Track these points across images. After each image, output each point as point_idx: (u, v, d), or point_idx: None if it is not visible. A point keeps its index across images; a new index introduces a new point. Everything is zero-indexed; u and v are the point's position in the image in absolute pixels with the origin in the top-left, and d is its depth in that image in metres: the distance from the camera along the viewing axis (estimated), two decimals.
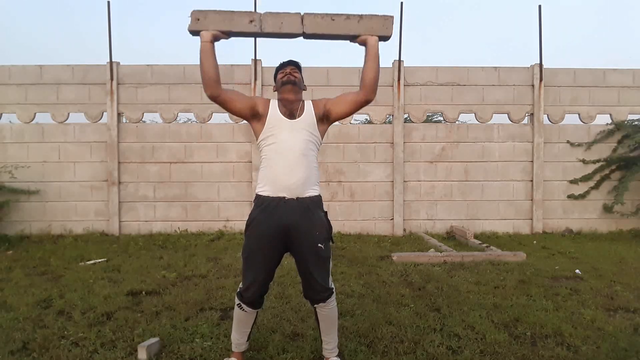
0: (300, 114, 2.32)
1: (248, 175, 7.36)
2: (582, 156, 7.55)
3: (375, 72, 2.28)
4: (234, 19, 2.18)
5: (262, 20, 2.18)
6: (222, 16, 2.18)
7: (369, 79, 2.29)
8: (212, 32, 2.20)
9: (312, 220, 2.27)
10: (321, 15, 2.19)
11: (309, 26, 2.19)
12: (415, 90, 7.49)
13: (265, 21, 2.18)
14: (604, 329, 3.02)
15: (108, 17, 7.28)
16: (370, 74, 2.28)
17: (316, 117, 2.34)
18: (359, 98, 2.33)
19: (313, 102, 2.39)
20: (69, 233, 7.20)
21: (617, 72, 7.53)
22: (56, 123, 7.30)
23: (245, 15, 2.19)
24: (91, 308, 3.44)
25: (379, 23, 2.22)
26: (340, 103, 2.36)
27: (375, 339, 2.83)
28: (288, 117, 2.30)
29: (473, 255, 5.24)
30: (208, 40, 2.20)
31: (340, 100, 2.37)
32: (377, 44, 2.26)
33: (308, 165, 2.28)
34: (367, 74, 2.29)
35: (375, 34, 2.23)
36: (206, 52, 2.21)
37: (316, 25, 2.19)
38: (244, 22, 2.18)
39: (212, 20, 2.18)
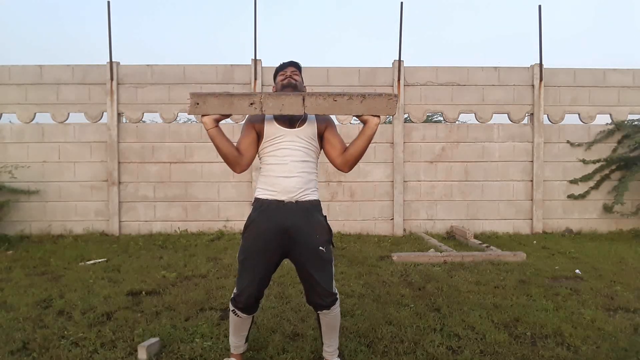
0: (301, 125, 2.29)
1: (248, 175, 7.36)
2: (582, 156, 7.55)
3: (361, 152, 2.25)
4: (233, 103, 2.15)
5: (262, 102, 2.14)
6: (222, 100, 2.15)
7: (352, 156, 2.26)
8: (214, 117, 2.17)
9: (312, 222, 2.25)
10: (323, 97, 2.16)
11: (310, 107, 2.15)
12: (415, 90, 7.49)
13: (265, 103, 2.14)
14: (604, 329, 3.02)
15: (108, 17, 7.28)
16: (356, 152, 2.25)
17: (317, 131, 2.32)
18: (335, 162, 2.31)
19: (317, 118, 2.34)
20: (69, 233, 7.20)
21: (617, 72, 7.53)
22: (56, 123, 7.30)
23: (245, 98, 2.15)
24: (91, 308, 3.44)
25: (383, 103, 2.17)
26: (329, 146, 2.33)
27: (375, 339, 2.83)
28: (287, 126, 2.27)
29: (473, 255, 5.24)
30: (212, 127, 2.18)
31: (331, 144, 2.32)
32: (377, 127, 2.21)
33: (307, 171, 2.26)
34: (353, 151, 2.25)
35: (378, 113, 2.19)
36: (216, 137, 2.18)
37: (318, 107, 2.15)
38: (244, 105, 2.15)
39: (212, 105, 2.14)
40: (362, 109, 2.18)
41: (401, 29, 7.32)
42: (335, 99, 2.17)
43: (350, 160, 2.28)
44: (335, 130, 2.38)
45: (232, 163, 2.24)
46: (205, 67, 7.43)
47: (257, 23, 7.39)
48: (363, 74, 7.42)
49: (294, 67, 2.40)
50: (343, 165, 2.31)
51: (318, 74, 7.29)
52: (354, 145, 2.25)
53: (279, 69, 2.42)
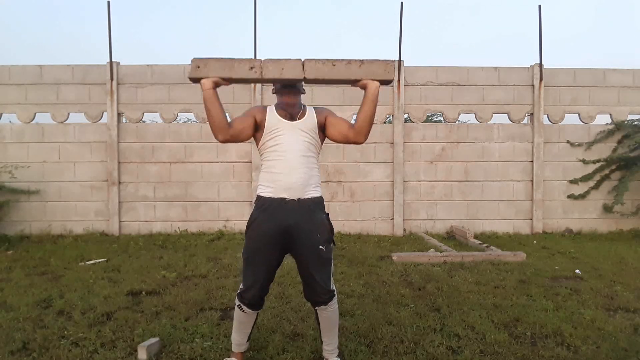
0: (301, 117, 2.32)
1: (248, 175, 7.36)
2: (582, 156, 7.54)
3: (370, 116, 2.27)
4: (234, 67, 2.18)
5: (262, 67, 2.18)
6: (223, 64, 2.18)
7: (363, 123, 2.28)
8: (213, 80, 2.19)
9: (314, 221, 2.27)
10: (322, 61, 2.19)
11: (310, 72, 2.19)
12: (415, 90, 7.49)
13: (265, 68, 2.18)
14: (604, 329, 3.02)
15: (108, 17, 7.28)
16: (365, 118, 2.26)
17: (318, 124, 2.34)
18: (349, 136, 2.33)
19: (316, 110, 2.39)
20: (69, 233, 7.20)
21: (617, 72, 7.53)
22: (56, 123, 7.30)
23: (246, 62, 2.19)
24: (91, 308, 3.44)
25: (381, 68, 2.22)
26: (335, 127, 2.35)
27: (375, 339, 2.83)
28: (288, 119, 2.30)
29: (473, 255, 5.24)
30: (210, 88, 2.19)
31: (337, 125, 2.35)
32: (377, 90, 2.24)
33: (308, 166, 2.28)
34: (361, 118, 2.28)
35: (377, 78, 2.23)
36: (210, 100, 2.19)
37: (317, 71, 2.19)
38: (245, 69, 2.18)
39: (213, 68, 2.18)
40: (360, 74, 2.22)
41: (401, 29, 7.32)
42: (334, 64, 2.21)
43: (362, 128, 2.29)
44: (335, 115, 2.42)
45: (217, 128, 2.22)
46: None
47: (257, 23, 7.40)
48: None
49: None
50: (358, 135, 2.30)
51: None
52: (361, 112, 2.28)
53: None
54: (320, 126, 2.36)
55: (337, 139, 2.38)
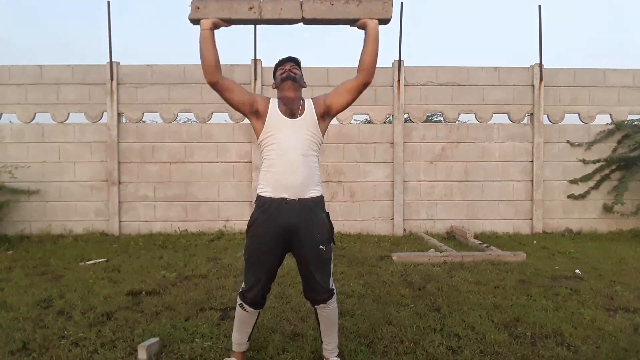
0: (301, 113, 2.31)
1: (248, 175, 7.36)
2: (582, 156, 7.54)
3: (374, 55, 2.28)
4: (233, 7, 2.20)
5: (261, 6, 2.20)
6: (222, 4, 2.20)
7: (368, 62, 2.29)
8: (212, 20, 2.21)
9: (314, 221, 2.27)
10: (320, 1, 2.21)
11: (308, 11, 2.20)
12: (415, 90, 7.48)
13: (264, 8, 2.20)
14: (604, 329, 3.02)
15: (108, 17, 7.28)
16: (370, 57, 2.28)
17: (317, 116, 2.33)
18: (358, 82, 2.32)
19: (313, 101, 2.38)
20: (69, 233, 7.20)
21: (617, 72, 7.53)
22: (56, 123, 7.30)
23: (245, 2, 2.21)
24: (91, 308, 3.44)
25: (378, 6, 2.23)
26: (340, 94, 2.36)
27: (375, 339, 2.83)
28: (289, 116, 2.29)
29: (473, 255, 5.24)
30: (208, 28, 2.21)
31: (340, 91, 2.36)
32: (377, 27, 2.26)
33: (309, 165, 2.27)
34: (366, 57, 2.29)
35: (375, 17, 2.24)
36: (206, 39, 2.22)
37: (315, 10, 2.20)
38: (244, 9, 2.20)
39: (212, 9, 2.20)
40: (358, 12, 2.23)
41: (401, 29, 7.32)
42: (332, 3, 2.22)
43: (369, 66, 2.30)
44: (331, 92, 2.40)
45: (208, 68, 2.23)
46: None
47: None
48: None
49: (293, 63, 2.41)
50: (367, 75, 2.30)
51: (318, 74, 7.29)
52: (364, 52, 2.29)
53: (278, 65, 2.43)
54: (322, 115, 2.35)
55: (350, 99, 2.36)
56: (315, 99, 2.40)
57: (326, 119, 2.39)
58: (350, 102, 2.38)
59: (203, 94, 7.25)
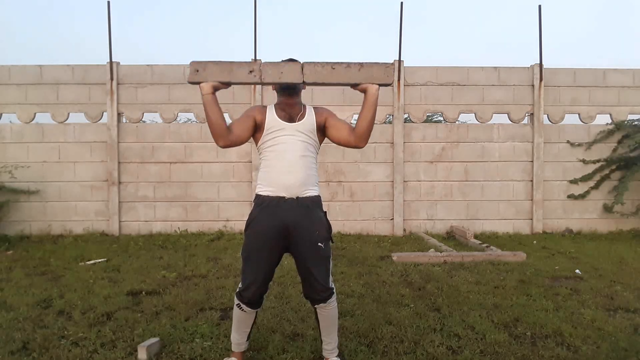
0: (301, 119, 2.31)
1: (248, 175, 7.36)
2: (582, 156, 7.54)
3: (370, 121, 2.26)
4: (233, 70, 2.17)
5: (261, 70, 2.17)
6: (222, 67, 2.17)
7: (363, 127, 2.27)
8: (212, 84, 2.18)
9: (312, 219, 2.28)
10: (321, 64, 2.19)
11: (309, 75, 2.18)
12: (415, 90, 7.48)
13: (264, 71, 2.17)
14: (604, 329, 3.02)
15: (108, 17, 7.28)
16: (365, 122, 2.26)
17: (316, 125, 2.34)
18: (349, 140, 2.32)
19: (315, 110, 2.38)
20: (69, 233, 7.20)
21: (617, 72, 7.53)
22: (56, 123, 7.30)
23: (245, 65, 2.18)
24: (91, 308, 3.44)
25: (380, 71, 2.21)
26: (337, 131, 2.35)
27: (375, 339, 2.83)
28: (287, 120, 2.30)
29: (473, 255, 5.24)
30: (209, 93, 2.19)
31: (339, 129, 2.35)
32: (377, 93, 2.24)
33: (307, 166, 2.28)
34: (362, 122, 2.27)
35: (376, 82, 2.22)
36: (210, 104, 2.19)
37: (316, 74, 2.18)
38: (244, 73, 2.17)
39: (212, 72, 2.17)
40: (360, 77, 2.22)
41: (401, 28, 7.32)
42: (333, 67, 2.20)
43: (363, 133, 2.29)
44: (336, 116, 2.41)
45: (218, 134, 2.22)
46: None
47: (257, 23, 7.40)
48: None
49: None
50: (358, 140, 2.31)
51: None
52: (361, 117, 2.28)
53: None
54: (320, 127, 2.36)
55: (339, 142, 2.37)
56: (319, 110, 2.39)
57: (321, 133, 2.39)
58: (336, 143, 2.39)
59: None
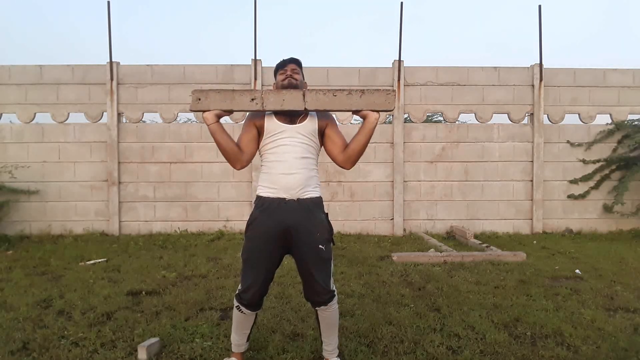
0: (302, 121, 2.30)
1: (248, 175, 7.36)
2: (582, 156, 7.55)
3: (363, 147, 2.28)
4: (235, 98, 2.17)
5: (263, 98, 2.17)
6: (223, 96, 2.17)
7: (354, 152, 2.28)
8: (215, 113, 2.19)
9: (313, 221, 2.26)
10: (323, 92, 2.19)
11: (311, 102, 2.18)
12: (415, 90, 7.49)
13: (266, 99, 2.17)
14: (604, 329, 3.02)
15: (108, 17, 7.28)
16: (357, 146, 2.27)
17: (318, 128, 2.33)
18: (337, 158, 2.33)
19: (318, 114, 2.35)
20: (69, 233, 7.20)
21: (617, 72, 7.53)
22: (56, 123, 7.30)
23: (247, 93, 2.18)
24: (91, 308, 3.44)
25: (381, 98, 2.22)
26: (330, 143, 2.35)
27: (375, 339, 2.83)
28: (288, 122, 2.28)
29: (473, 255, 5.24)
30: (214, 122, 2.20)
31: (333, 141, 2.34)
32: (377, 121, 2.25)
33: (307, 167, 2.27)
34: (354, 146, 2.28)
35: (377, 108, 2.23)
36: (217, 133, 2.21)
37: (318, 102, 2.19)
38: (246, 101, 2.17)
39: (213, 100, 2.17)
40: (361, 104, 2.22)
41: (401, 29, 7.32)
42: (335, 94, 2.21)
43: (352, 157, 2.30)
44: (336, 127, 2.40)
45: (233, 159, 2.26)
46: (205, 67, 7.43)
47: (257, 23, 7.40)
48: (363, 74, 7.42)
49: (295, 65, 2.40)
50: (345, 162, 2.33)
51: (318, 74, 7.29)
52: (355, 141, 2.28)
53: (279, 66, 2.42)
54: (321, 131, 2.35)
55: (328, 154, 2.38)
56: (321, 114, 2.37)
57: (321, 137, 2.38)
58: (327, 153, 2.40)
59: None
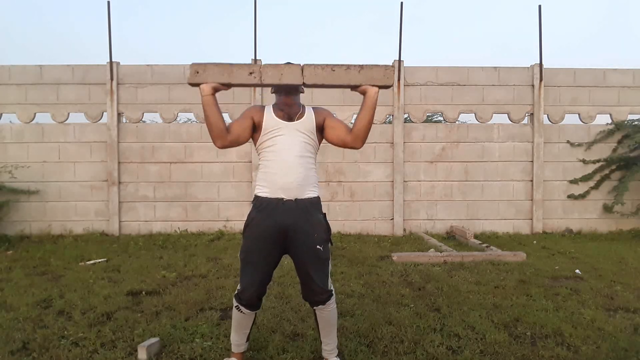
0: (300, 118, 2.31)
1: (248, 175, 7.36)
2: (582, 156, 7.55)
3: (368, 122, 2.26)
4: (233, 72, 2.18)
5: (261, 72, 2.18)
6: (222, 69, 2.18)
7: (361, 128, 2.27)
8: (212, 85, 2.19)
9: (311, 221, 2.27)
10: (321, 66, 2.19)
11: (309, 77, 2.18)
12: (415, 90, 7.49)
13: (264, 73, 2.17)
14: (604, 329, 3.02)
15: (108, 17, 7.28)
16: (363, 123, 2.26)
17: (316, 124, 2.34)
18: (346, 141, 2.32)
19: (315, 111, 2.38)
20: (69, 233, 7.20)
21: (617, 72, 7.53)
22: (56, 123, 7.30)
23: (245, 67, 2.19)
24: (91, 308, 3.44)
25: (380, 73, 2.22)
26: (334, 131, 2.35)
27: (375, 339, 2.83)
28: (286, 120, 2.29)
29: (473, 255, 5.24)
30: (209, 94, 2.19)
31: (335, 129, 2.35)
32: (377, 95, 2.24)
33: (306, 167, 2.27)
34: (359, 123, 2.27)
35: (376, 83, 2.22)
36: (209, 105, 2.20)
37: (316, 76, 2.19)
38: (244, 74, 2.18)
39: (212, 73, 2.18)
40: (360, 79, 2.22)
41: (401, 29, 7.32)
42: (333, 69, 2.21)
43: (360, 134, 2.29)
44: (334, 117, 2.41)
45: (216, 135, 2.23)
46: None
47: (257, 23, 7.40)
48: None
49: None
50: (355, 141, 2.31)
51: None
52: (360, 119, 2.28)
53: None
54: (319, 127, 2.36)
55: (335, 143, 2.38)
56: (318, 110, 2.40)
57: (320, 133, 2.39)
58: (333, 144, 2.40)
59: None
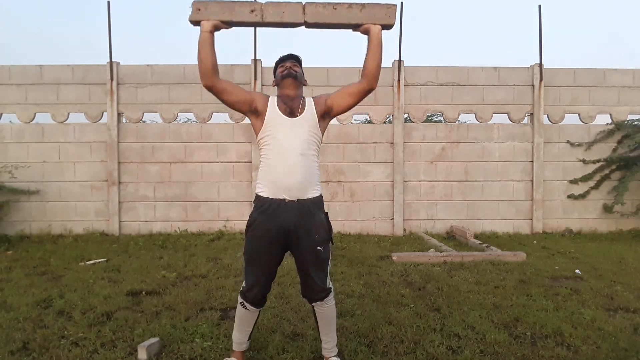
0: (301, 112, 2.29)
1: (248, 175, 7.36)
2: (582, 156, 7.54)
3: (378, 61, 2.26)
4: (234, 9, 2.18)
5: (263, 9, 2.17)
6: (223, 6, 2.18)
7: (372, 68, 2.27)
8: (213, 22, 2.18)
9: (313, 222, 2.26)
10: (323, 5, 2.18)
11: (311, 15, 2.17)
12: (415, 90, 7.48)
13: (266, 10, 2.17)
14: (604, 329, 3.02)
15: (108, 17, 7.28)
16: (373, 62, 2.26)
17: (317, 115, 2.32)
18: (362, 87, 2.30)
19: (314, 100, 2.37)
20: (69, 233, 7.20)
21: (617, 72, 7.53)
22: (56, 123, 7.30)
23: (246, 5, 2.18)
24: (91, 308, 3.44)
25: (382, 11, 2.21)
26: (342, 96, 2.34)
27: (375, 339, 2.83)
28: (288, 115, 2.27)
29: (473, 255, 5.24)
30: (208, 30, 2.18)
31: (343, 94, 2.34)
32: (380, 33, 2.23)
33: (308, 166, 2.26)
34: (369, 63, 2.27)
35: (378, 22, 2.21)
36: (205, 42, 2.19)
37: (318, 15, 2.18)
38: (245, 12, 2.18)
39: (213, 10, 2.17)
40: (361, 17, 2.21)
41: (401, 28, 7.32)
42: (335, 7, 2.20)
43: (371, 73, 2.28)
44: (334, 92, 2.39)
45: (204, 72, 2.22)
46: None
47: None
48: None
49: (294, 60, 2.40)
50: (370, 82, 2.29)
51: (318, 74, 7.28)
52: (368, 58, 2.27)
53: (279, 62, 2.42)
54: (322, 114, 2.33)
55: (352, 102, 2.34)
56: (316, 98, 2.38)
57: (326, 118, 2.38)
58: (351, 105, 2.37)
59: (203, 94, 7.24)
